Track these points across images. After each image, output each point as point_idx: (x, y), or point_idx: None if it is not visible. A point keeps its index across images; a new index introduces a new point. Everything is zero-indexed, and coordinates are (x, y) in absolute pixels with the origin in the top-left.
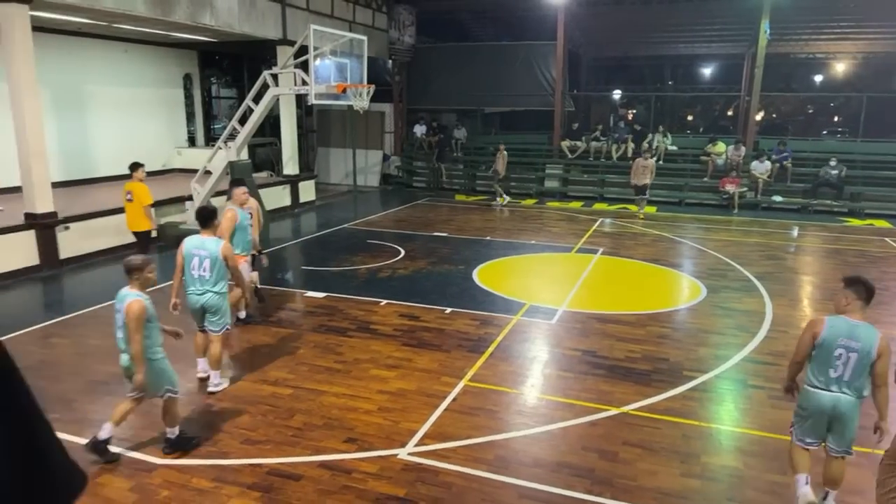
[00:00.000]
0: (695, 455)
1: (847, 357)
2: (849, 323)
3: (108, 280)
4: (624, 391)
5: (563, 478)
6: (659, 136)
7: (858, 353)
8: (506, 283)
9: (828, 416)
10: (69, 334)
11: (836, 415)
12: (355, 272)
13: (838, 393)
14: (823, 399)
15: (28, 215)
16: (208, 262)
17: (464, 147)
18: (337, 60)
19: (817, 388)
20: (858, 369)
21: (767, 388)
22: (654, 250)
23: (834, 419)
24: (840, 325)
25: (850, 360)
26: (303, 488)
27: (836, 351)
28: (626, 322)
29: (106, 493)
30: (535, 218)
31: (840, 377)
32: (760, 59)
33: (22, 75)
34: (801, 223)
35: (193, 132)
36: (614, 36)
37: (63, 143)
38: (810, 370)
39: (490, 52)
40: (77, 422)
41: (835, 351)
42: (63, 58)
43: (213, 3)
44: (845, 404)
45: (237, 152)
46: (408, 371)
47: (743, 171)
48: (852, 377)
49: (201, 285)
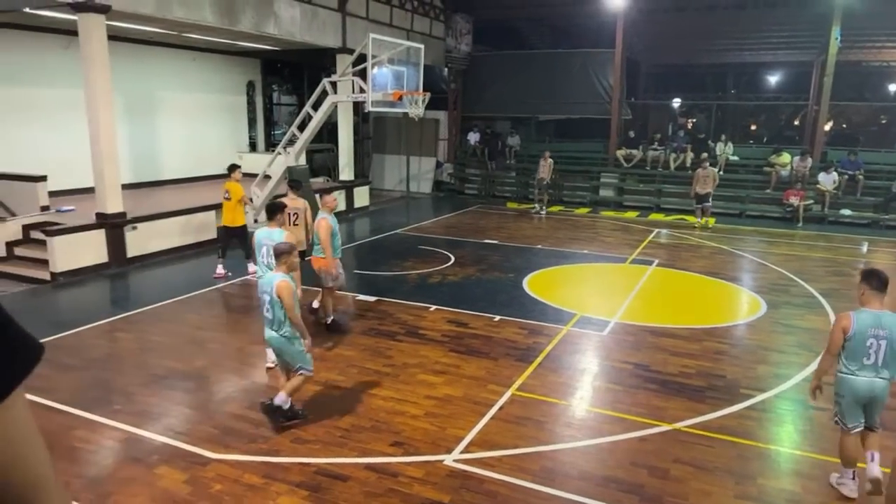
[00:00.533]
0: (750, 476)
1: (878, 345)
2: (873, 314)
3: (170, 279)
4: (676, 407)
5: (611, 493)
6: (720, 146)
7: (888, 340)
8: (557, 293)
9: (865, 399)
10: (133, 329)
11: (872, 398)
12: (406, 277)
13: (874, 378)
14: (860, 384)
15: (99, 215)
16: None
17: (517, 154)
18: (394, 68)
19: (854, 374)
20: (890, 354)
21: (830, 411)
22: (711, 263)
23: (870, 402)
24: (866, 317)
25: (882, 347)
26: (349, 489)
27: (868, 341)
28: (681, 336)
29: (163, 483)
30: (588, 227)
31: (874, 363)
32: (830, 67)
33: (98, 82)
34: (871, 238)
35: (254, 137)
36: (675, 43)
37: (133, 147)
38: (844, 360)
39: (546, 60)
40: (137, 414)
41: (867, 341)
42: (136, 66)
43: (276, 12)
44: (880, 387)
45: (296, 158)
46: (455, 377)
47: (809, 183)
48: (885, 363)
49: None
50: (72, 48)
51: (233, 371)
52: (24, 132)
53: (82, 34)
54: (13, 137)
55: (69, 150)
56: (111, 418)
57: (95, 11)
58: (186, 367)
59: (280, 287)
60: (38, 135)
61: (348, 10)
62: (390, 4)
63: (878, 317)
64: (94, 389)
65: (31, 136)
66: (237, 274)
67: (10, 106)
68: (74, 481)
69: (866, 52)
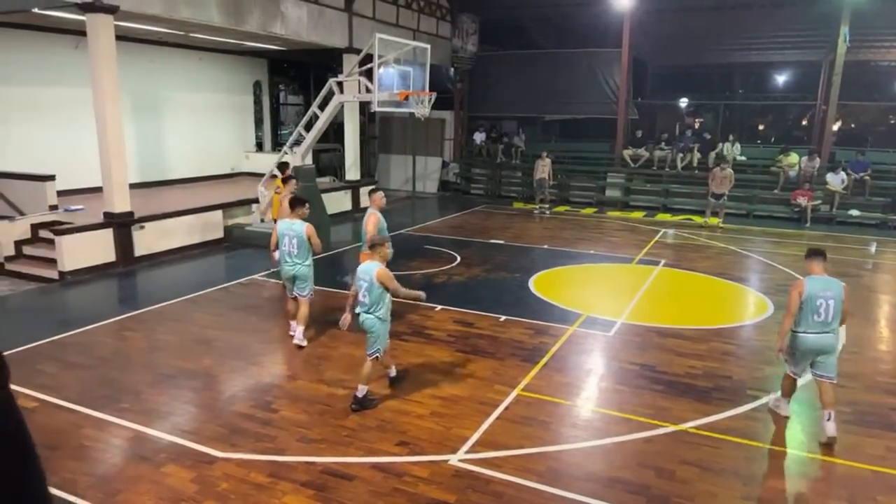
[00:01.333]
0: (757, 478)
1: (827, 304)
2: (822, 279)
3: (178, 278)
4: (683, 408)
5: (617, 493)
6: (728, 146)
7: (834, 300)
8: (563, 293)
9: (815, 352)
10: (141, 328)
11: (821, 349)
12: (411, 277)
13: (822, 332)
14: (811, 340)
15: (107, 214)
16: (296, 241)
17: (523, 154)
18: (400, 68)
19: (806, 332)
20: (835, 312)
21: (838, 412)
22: (718, 263)
23: (820, 353)
24: (817, 282)
25: (830, 306)
26: (355, 488)
27: (818, 301)
28: (688, 337)
29: (169, 482)
30: (594, 227)
31: (824, 320)
32: (839, 67)
33: (105, 82)
34: (879, 239)
35: (261, 137)
36: (682, 43)
37: (140, 147)
38: (798, 322)
39: (552, 60)
40: (145, 412)
41: (817, 301)
42: (143, 65)
43: (283, 12)
44: (828, 340)
45: (302, 157)
46: (461, 377)
47: (817, 183)
48: (832, 319)
49: (291, 259)
50: (81, 47)
51: (240, 370)
52: (34, 131)
53: (90, 34)
54: (23, 136)
55: (78, 149)
56: (119, 417)
57: (103, 12)
58: (194, 365)
59: (379, 274)
60: (47, 134)
61: (355, 10)
62: (397, 4)
63: (826, 281)
64: (102, 388)
65: (41, 135)
66: (240, 273)
67: (20, 105)
68: (82, 479)
69: (875, 51)
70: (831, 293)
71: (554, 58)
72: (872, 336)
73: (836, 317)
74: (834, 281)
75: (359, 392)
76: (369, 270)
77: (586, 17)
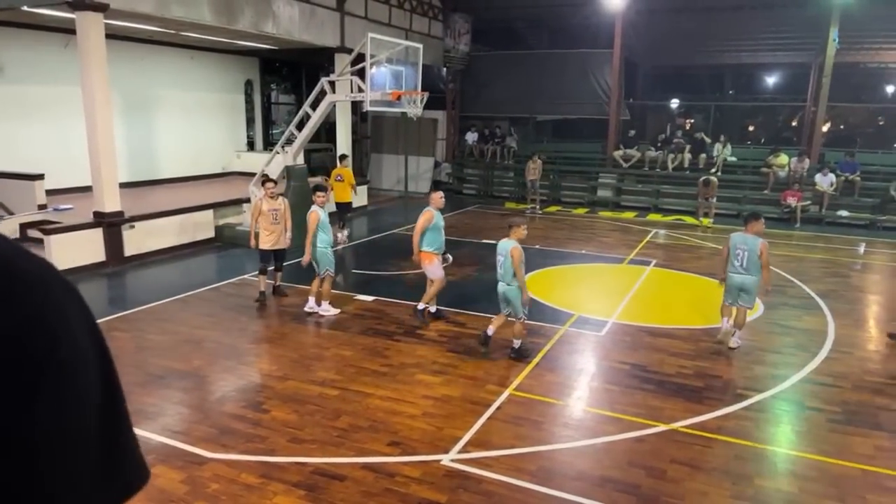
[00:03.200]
0: (747, 477)
1: (742, 254)
2: (742, 235)
3: (168, 277)
4: (673, 407)
5: (608, 493)
6: (719, 147)
7: (748, 252)
8: (554, 293)
9: (737, 287)
10: (130, 328)
11: (741, 286)
12: (403, 277)
13: (743, 274)
14: (734, 278)
15: (97, 214)
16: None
17: (515, 155)
18: (392, 68)
19: (731, 272)
20: (751, 260)
21: (827, 412)
22: (709, 263)
23: (741, 289)
24: (738, 237)
25: (745, 255)
26: (346, 489)
27: (736, 251)
28: (679, 337)
29: (159, 483)
30: (586, 227)
31: (741, 265)
32: (828, 69)
33: (95, 80)
34: (868, 239)
35: (252, 136)
36: (673, 44)
37: (131, 146)
38: (727, 264)
39: (544, 60)
40: (134, 413)
41: (736, 251)
42: (134, 64)
43: (275, 11)
44: (745, 280)
45: (294, 157)
46: (453, 377)
47: (806, 183)
48: (748, 265)
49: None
50: (71, 46)
51: (230, 370)
52: (22, 130)
53: (80, 32)
54: (11, 135)
55: (67, 148)
56: None
57: (93, 10)
58: (183, 366)
59: (512, 251)
60: (36, 133)
61: (347, 10)
62: (389, 4)
63: (744, 237)
64: None
65: (29, 134)
66: (231, 273)
67: (8, 104)
68: None
69: (864, 53)
70: (747, 247)
71: (546, 58)
72: (861, 336)
73: (750, 264)
74: (752, 238)
75: (515, 344)
76: (506, 246)
77: (578, 18)
